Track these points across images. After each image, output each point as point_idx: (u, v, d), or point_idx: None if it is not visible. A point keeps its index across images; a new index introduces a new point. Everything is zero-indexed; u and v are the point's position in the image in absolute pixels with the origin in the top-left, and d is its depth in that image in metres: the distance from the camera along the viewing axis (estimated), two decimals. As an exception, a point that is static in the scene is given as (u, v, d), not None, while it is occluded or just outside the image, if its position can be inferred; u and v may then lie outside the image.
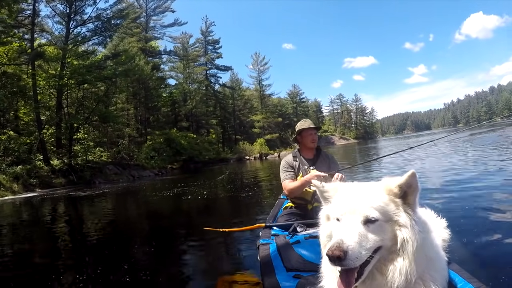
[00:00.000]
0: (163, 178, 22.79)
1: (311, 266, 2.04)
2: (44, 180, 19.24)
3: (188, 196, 9.83)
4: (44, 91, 23.39)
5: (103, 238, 5.76)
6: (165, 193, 11.70)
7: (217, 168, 28.69)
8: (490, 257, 2.76)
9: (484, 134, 26.85)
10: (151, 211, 8.81)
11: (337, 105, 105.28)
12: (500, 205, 4.37)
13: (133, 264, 3.92)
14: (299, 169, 3.47)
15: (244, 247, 3.97)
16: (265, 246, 2.62)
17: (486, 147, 13.26)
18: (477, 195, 5.15)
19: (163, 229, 5.96)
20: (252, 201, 8.12)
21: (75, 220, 8.39)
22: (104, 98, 26.85)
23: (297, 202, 3.43)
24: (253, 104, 65.65)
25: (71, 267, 4.09)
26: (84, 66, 23.49)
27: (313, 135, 3.51)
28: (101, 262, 4.18)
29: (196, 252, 4.20)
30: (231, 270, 3.21)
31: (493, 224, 3.63)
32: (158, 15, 43.58)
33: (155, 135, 35.84)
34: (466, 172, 7.48)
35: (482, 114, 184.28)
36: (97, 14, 26.01)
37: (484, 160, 9.12)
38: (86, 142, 25.80)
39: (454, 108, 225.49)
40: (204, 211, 7.81)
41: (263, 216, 6.16)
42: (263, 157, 45.67)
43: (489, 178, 6.47)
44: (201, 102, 49.84)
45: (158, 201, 10.22)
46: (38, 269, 4.20)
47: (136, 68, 30.73)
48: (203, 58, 53.82)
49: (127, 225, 7.07)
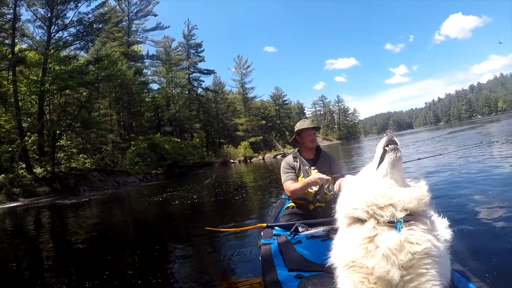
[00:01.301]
0: (149, 184, 22.53)
1: (313, 266, 2.09)
2: (27, 189, 18.74)
3: (177, 201, 9.72)
4: (25, 97, 22.82)
5: (95, 246, 5.66)
6: (154, 198, 11.57)
7: (202, 172, 28.57)
8: (492, 256, 2.78)
9: (464, 132, 27.69)
10: (142, 217, 8.71)
11: (320, 106, 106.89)
12: (498, 204, 4.43)
13: (129, 270, 3.89)
14: (300, 170, 3.46)
15: (245, 247, 3.99)
16: (266, 246, 2.63)
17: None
18: (471, 192, 5.26)
19: (156, 234, 5.89)
20: (243, 203, 8.21)
21: (62, 230, 8.12)
22: (86, 104, 26.29)
23: (299, 202, 3.43)
24: (236, 107, 65.67)
25: (63, 279, 3.97)
26: (66, 72, 22.99)
27: (312, 135, 3.54)
28: (93, 271, 4.11)
29: (196, 252, 4.21)
30: (232, 270, 3.22)
31: (494, 223, 3.68)
32: (140, 19, 43.12)
33: (139, 141, 35.36)
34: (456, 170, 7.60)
35: (463, 112, 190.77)
36: (79, 18, 25.56)
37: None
38: (69, 149, 25.30)
39: (435, 107, 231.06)
40: (197, 215, 7.81)
41: (254, 218, 6.26)
42: (247, 160, 45.67)
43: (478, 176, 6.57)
44: (184, 106, 49.50)
45: (147, 207, 10.10)
46: (23, 280, 4.12)
47: (118, 73, 30.27)
48: (185, 62, 53.43)
49: (119, 232, 6.95)
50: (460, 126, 49.76)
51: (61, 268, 4.35)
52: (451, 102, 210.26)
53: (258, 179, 14.91)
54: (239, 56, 67.85)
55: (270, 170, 20.41)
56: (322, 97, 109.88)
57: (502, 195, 4.88)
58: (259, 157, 47.78)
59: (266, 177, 15.17)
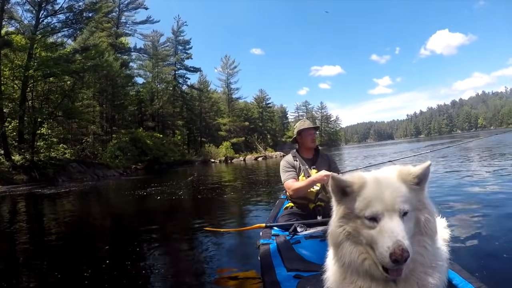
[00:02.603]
0: (129, 178, 22.24)
1: (312, 266, 2.06)
2: (4, 176, 18.25)
3: (161, 197, 9.63)
4: (8, 82, 22.19)
5: (76, 239, 5.42)
6: (138, 193, 11.43)
7: (182, 170, 28.36)
8: (490, 256, 2.81)
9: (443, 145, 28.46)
10: (126, 212, 8.40)
11: (303, 111, 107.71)
12: (496, 203, 4.62)
13: (118, 265, 3.71)
14: (299, 169, 3.45)
15: (244, 247, 3.96)
16: (265, 246, 2.62)
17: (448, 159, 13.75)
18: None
19: (145, 231, 5.61)
20: (226, 202, 8.29)
21: (39, 221, 7.73)
22: (70, 93, 25.75)
23: (299, 202, 3.40)
24: (220, 107, 65.54)
25: (34, 273, 3.73)
26: (52, 58, 22.44)
27: (312, 135, 3.54)
28: (71, 265, 3.92)
29: (194, 253, 4.13)
30: (231, 270, 3.16)
31: (492, 223, 3.76)
32: (130, 11, 42.57)
33: (121, 134, 34.84)
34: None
35: (443, 126, 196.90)
36: (69, 5, 24.98)
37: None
38: (50, 138, 24.70)
39: (416, 119, 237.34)
40: (185, 212, 7.73)
41: (239, 217, 6.20)
42: (228, 161, 45.76)
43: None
44: (168, 102, 49.17)
45: (131, 202, 9.87)
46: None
47: (105, 63, 29.81)
48: (172, 58, 53.01)
49: (101, 226, 6.70)
50: (440, 140, 50.99)
51: (34, 263, 4.10)
52: (432, 116, 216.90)
53: (240, 180, 14.92)
54: (227, 56, 67.94)
55: (251, 171, 20.56)
56: (306, 102, 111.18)
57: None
58: (240, 158, 47.92)
59: (248, 178, 15.26)
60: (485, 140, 20.80)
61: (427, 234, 1.27)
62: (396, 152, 23.96)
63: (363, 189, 1.26)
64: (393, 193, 1.22)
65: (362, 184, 1.27)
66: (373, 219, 1.21)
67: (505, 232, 3.38)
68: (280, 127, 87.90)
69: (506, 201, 4.95)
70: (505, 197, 5.21)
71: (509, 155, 11.96)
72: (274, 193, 9.04)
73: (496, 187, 6.17)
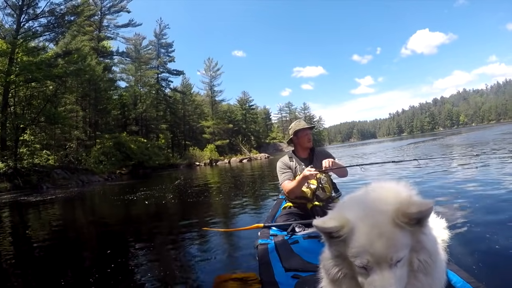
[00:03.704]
0: (114, 183, 21.90)
1: (310, 266, 2.04)
2: (-13, 184, 17.78)
3: (148, 201, 9.50)
4: (-11, 88, 21.62)
5: (73, 249, 5.12)
6: (126, 198, 11.22)
7: (167, 174, 28.07)
8: (488, 256, 2.80)
9: (427, 142, 29.10)
10: (116, 218, 8.14)
11: (286, 113, 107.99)
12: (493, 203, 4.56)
13: (109, 273, 3.55)
14: (296, 169, 3.49)
15: (242, 248, 3.87)
16: (263, 246, 2.63)
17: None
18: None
19: (137, 236, 5.54)
20: (219, 204, 8.26)
21: (25, 228, 7.44)
22: (53, 98, 25.29)
23: (298, 201, 3.42)
24: (203, 110, 65.27)
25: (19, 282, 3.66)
26: (34, 63, 21.97)
27: (309, 135, 3.59)
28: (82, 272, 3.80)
29: (192, 253, 4.04)
30: (228, 271, 3.09)
31: (490, 222, 3.73)
32: (113, 14, 41.82)
33: (105, 139, 34.29)
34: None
35: (426, 124, 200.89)
36: (51, 8, 24.56)
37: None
38: (33, 145, 24.18)
39: (398, 118, 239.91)
40: (177, 214, 7.63)
41: (229, 218, 6.14)
42: (213, 163, 45.54)
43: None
44: (152, 106, 48.69)
45: (120, 207, 9.63)
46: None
47: (88, 68, 29.33)
48: (155, 61, 52.60)
49: (93, 233, 6.45)
50: (422, 138, 51.94)
51: (17, 272, 3.95)
52: (414, 114, 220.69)
53: (227, 182, 14.89)
54: (210, 58, 67.66)
55: (237, 174, 20.59)
56: (289, 103, 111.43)
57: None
58: (225, 161, 47.81)
59: (235, 180, 15.31)
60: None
61: (423, 273, 1.15)
62: (380, 151, 24.31)
63: (352, 234, 1.12)
64: (386, 243, 1.08)
65: (350, 229, 1.12)
66: (364, 268, 1.11)
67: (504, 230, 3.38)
68: (263, 128, 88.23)
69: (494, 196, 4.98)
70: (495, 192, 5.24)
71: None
72: (263, 194, 9.20)
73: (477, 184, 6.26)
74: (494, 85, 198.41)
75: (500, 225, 3.54)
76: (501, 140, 18.20)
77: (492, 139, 19.67)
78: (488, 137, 22.67)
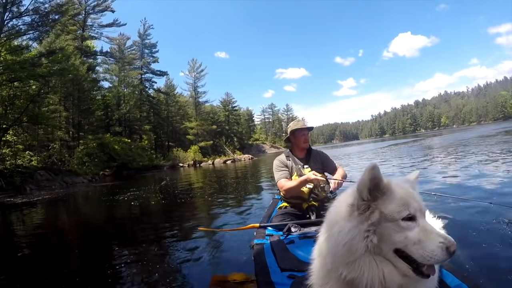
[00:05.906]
0: (99, 185, 21.68)
1: (306, 266, 1.91)
2: (-31, 185, 17.37)
3: (134, 202, 9.57)
4: (-29, 87, 21.07)
5: (61, 251, 5.10)
6: (113, 198, 11.30)
7: (151, 175, 27.98)
8: (484, 256, 2.86)
9: (408, 144, 29.71)
10: (103, 220, 8.06)
11: (269, 114, 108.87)
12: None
13: (99, 276, 3.58)
14: (292, 169, 3.51)
15: (238, 248, 3.86)
16: (259, 246, 2.65)
17: (407, 157, 13.33)
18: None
19: (126, 237, 5.56)
20: (208, 204, 8.34)
21: (10, 230, 7.43)
22: (36, 98, 24.79)
23: (293, 201, 3.44)
24: (187, 111, 65.01)
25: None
26: (17, 62, 21.54)
27: (306, 135, 3.57)
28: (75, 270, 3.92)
29: (188, 253, 4.02)
30: (224, 271, 3.09)
31: (485, 223, 3.79)
32: (97, 14, 41.14)
33: (88, 140, 33.80)
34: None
35: (407, 125, 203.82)
36: (35, 7, 24.11)
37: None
38: (15, 145, 23.69)
39: (381, 119, 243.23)
40: (167, 215, 7.56)
41: (218, 218, 6.17)
42: (197, 165, 45.43)
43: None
44: (135, 106, 48.12)
45: (107, 208, 9.59)
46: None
47: (72, 67, 28.84)
48: (139, 62, 52.14)
49: (80, 235, 6.38)
50: (404, 139, 52.73)
51: (2, 275, 3.89)
52: (396, 116, 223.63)
53: (213, 183, 14.95)
54: (194, 59, 67.33)
55: (221, 174, 20.81)
56: (272, 105, 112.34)
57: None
58: (208, 162, 47.77)
59: (220, 181, 15.51)
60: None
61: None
62: (365, 150, 24.73)
63: (391, 192, 1.19)
64: (418, 195, 1.26)
65: (390, 188, 1.20)
66: (411, 219, 1.16)
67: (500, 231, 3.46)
68: (246, 130, 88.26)
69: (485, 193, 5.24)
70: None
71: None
72: (248, 194, 9.36)
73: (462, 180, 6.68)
74: (475, 88, 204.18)
75: (498, 225, 3.62)
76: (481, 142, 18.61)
77: (468, 140, 20.28)
78: (468, 138, 23.44)
